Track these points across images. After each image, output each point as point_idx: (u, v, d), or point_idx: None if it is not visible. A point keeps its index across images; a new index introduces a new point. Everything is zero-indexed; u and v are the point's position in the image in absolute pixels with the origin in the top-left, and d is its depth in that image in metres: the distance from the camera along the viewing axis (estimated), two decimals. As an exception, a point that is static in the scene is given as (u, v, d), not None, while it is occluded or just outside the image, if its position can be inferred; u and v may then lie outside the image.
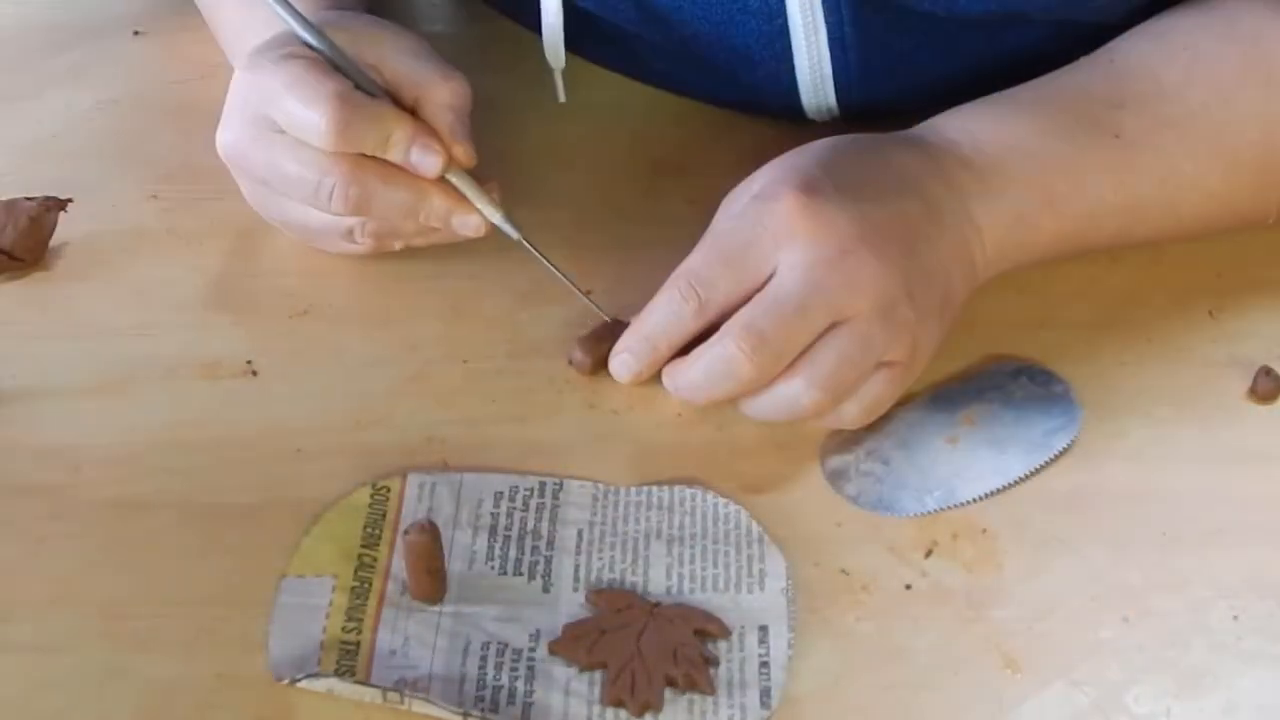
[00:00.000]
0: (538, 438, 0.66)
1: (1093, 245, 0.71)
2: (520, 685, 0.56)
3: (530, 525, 0.62)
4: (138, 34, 0.91)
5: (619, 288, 0.69)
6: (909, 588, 0.60)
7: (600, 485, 0.64)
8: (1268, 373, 0.66)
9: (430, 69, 0.68)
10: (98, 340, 0.71)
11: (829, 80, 0.75)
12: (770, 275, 0.62)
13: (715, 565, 0.61)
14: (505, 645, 0.58)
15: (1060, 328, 0.70)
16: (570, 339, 0.69)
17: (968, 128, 0.69)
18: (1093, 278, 0.72)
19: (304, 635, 0.58)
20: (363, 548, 0.61)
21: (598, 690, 0.56)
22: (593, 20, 0.77)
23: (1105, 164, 0.68)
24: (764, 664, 0.57)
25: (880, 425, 0.65)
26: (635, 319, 0.65)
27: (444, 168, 0.67)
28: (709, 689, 0.56)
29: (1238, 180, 0.70)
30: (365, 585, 0.60)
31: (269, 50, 0.67)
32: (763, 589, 0.59)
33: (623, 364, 0.65)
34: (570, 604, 0.59)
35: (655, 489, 0.63)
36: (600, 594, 0.59)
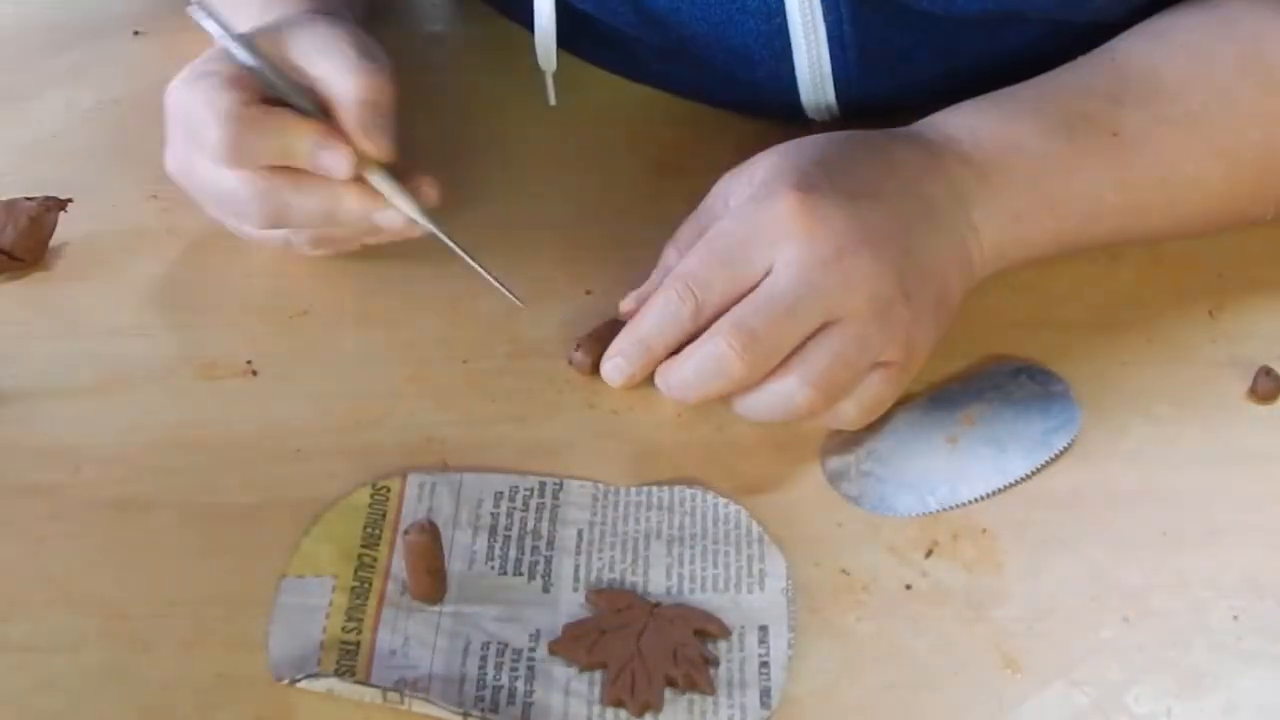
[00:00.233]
0: (538, 438, 0.66)
1: (1091, 244, 0.71)
2: (520, 685, 0.56)
3: (530, 525, 0.62)
4: (138, 34, 0.91)
5: (618, 288, 0.69)
6: (909, 588, 0.60)
7: (600, 485, 0.64)
8: (1268, 373, 0.66)
9: (343, 64, 0.67)
10: (98, 340, 0.71)
11: (828, 79, 0.75)
12: (766, 274, 0.62)
13: (715, 565, 0.61)
14: (505, 645, 0.58)
15: (1060, 327, 0.70)
16: (570, 339, 0.69)
17: (969, 125, 0.68)
18: (1093, 278, 0.72)
19: (304, 635, 0.58)
20: (363, 548, 0.61)
21: (598, 690, 0.56)
22: (590, 22, 0.77)
23: (1105, 163, 0.68)
24: (764, 664, 0.57)
25: (880, 425, 0.65)
26: (629, 323, 0.65)
27: (353, 167, 0.66)
28: (709, 689, 0.56)
29: (1237, 179, 0.70)
30: (365, 585, 0.60)
31: (199, 64, 0.67)
32: (763, 589, 0.59)
33: (615, 368, 0.64)
34: (570, 604, 0.59)
35: (655, 489, 0.63)
36: (600, 594, 0.59)
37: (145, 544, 0.61)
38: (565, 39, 0.75)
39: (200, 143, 0.66)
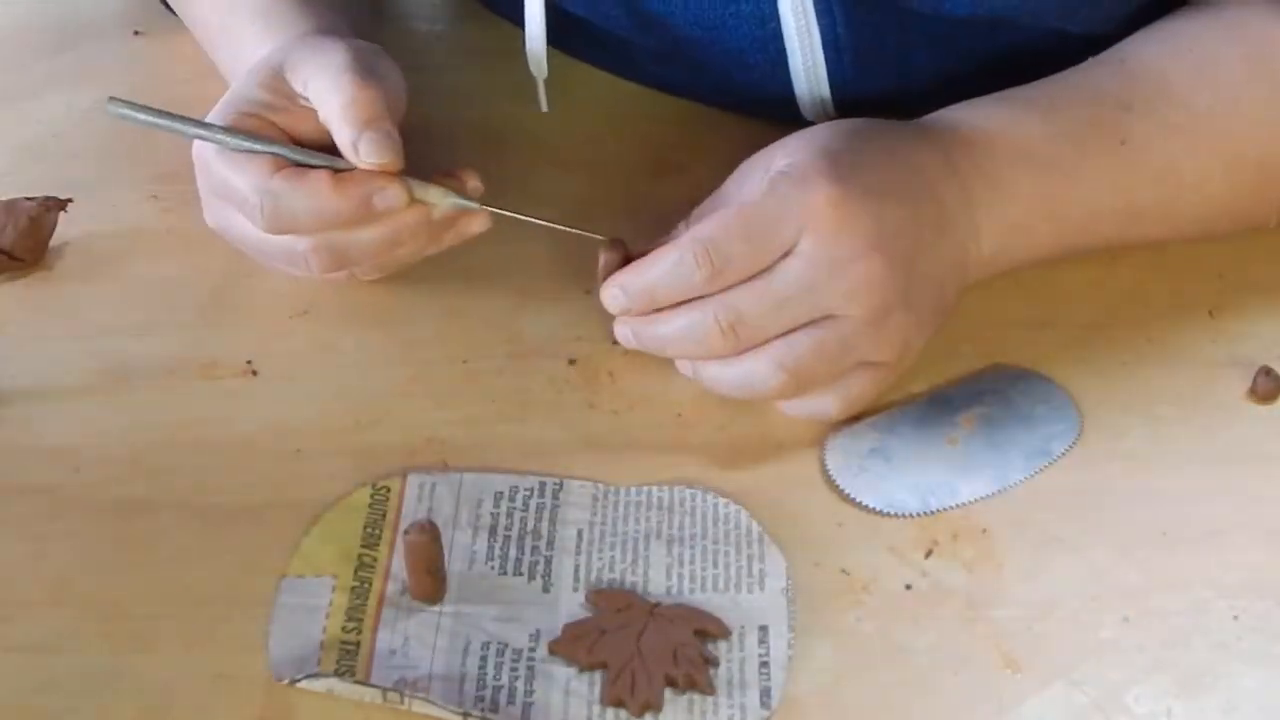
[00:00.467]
0: (538, 438, 0.66)
1: (1090, 247, 0.71)
2: (520, 685, 0.56)
3: (530, 525, 0.62)
4: (138, 34, 0.91)
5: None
6: (909, 588, 0.60)
7: (600, 485, 0.64)
8: (1268, 373, 0.66)
9: (331, 83, 0.66)
10: (98, 340, 0.71)
11: (824, 81, 0.75)
12: (784, 255, 0.61)
13: (715, 565, 0.61)
14: (505, 645, 0.58)
15: (1060, 328, 0.70)
16: (570, 339, 0.69)
17: (984, 128, 0.68)
18: (1093, 278, 0.72)
19: (304, 635, 0.58)
20: (363, 548, 0.61)
21: (598, 690, 0.56)
22: (583, 25, 0.77)
23: (1109, 169, 0.68)
24: (764, 664, 0.57)
25: (881, 425, 0.65)
26: (639, 261, 0.63)
27: (407, 196, 0.65)
28: (709, 689, 0.56)
29: (1239, 183, 0.70)
30: (365, 585, 0.60)
31: (216, 116, 0.67)
32: (763, 589, 0.59)
33: (614, 299, 0.64)
34: (570, 604, 0.59)
35: (655, 489, 0.63)
36: (600, 594, 0.59)
37: (145, 544, 0.61)
38: (560, 40, 0.75)
39: (237, 207, 0.67)
